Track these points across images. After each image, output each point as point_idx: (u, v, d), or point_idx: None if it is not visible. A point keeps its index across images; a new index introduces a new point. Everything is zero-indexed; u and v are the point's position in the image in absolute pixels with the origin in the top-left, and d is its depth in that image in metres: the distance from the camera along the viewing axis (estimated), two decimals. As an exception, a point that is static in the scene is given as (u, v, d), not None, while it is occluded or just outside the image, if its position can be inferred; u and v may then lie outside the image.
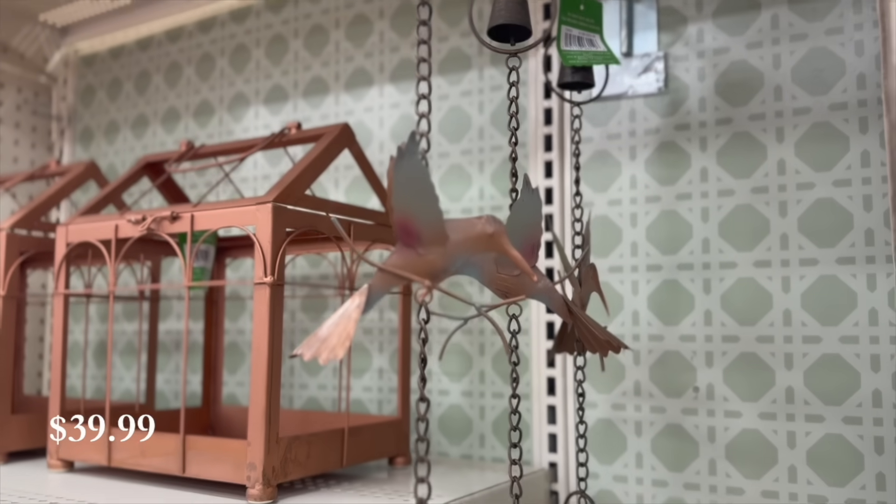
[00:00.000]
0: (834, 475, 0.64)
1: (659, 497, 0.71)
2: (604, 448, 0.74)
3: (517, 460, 0.54)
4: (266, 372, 0.59)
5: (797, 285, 0.67)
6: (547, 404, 0.78)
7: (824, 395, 0.65)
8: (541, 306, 0.79)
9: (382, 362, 0.90)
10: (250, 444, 0.59)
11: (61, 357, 0.72)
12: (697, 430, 0.70)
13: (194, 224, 0.65)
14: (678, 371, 0.71)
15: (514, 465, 0.54)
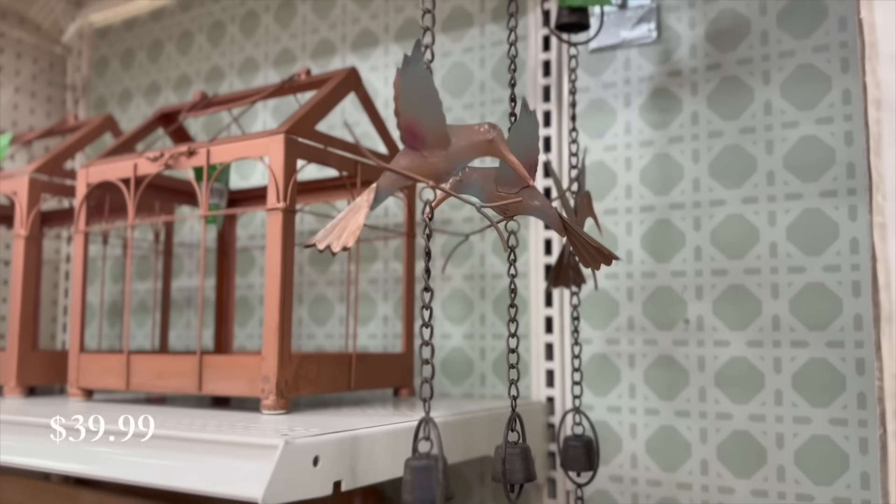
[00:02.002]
0: (818, 397, 0.68)
1: (651, 425, 0.75)
2: (598, 381, 0.78)
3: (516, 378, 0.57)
4: (279, 291, 0.62)
5: (783, 219, 0.70)
6: (545, 342, 0.81)
7: (808, 321, 0.69)
8: (538, 252, 0.82)
9: (387, 310, 0.93)
10: (264, 358, 0.62)
11: (81, 293, 0.76)
12: (688, 359, 0.74)
13: (210, 158, 0.68)
14: (670, 305, 0.75)
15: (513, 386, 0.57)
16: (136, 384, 0.70)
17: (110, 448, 0.54)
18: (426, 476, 0.45)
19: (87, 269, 0.77)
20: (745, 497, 0.70)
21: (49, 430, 0.58)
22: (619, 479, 0.76)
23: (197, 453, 0.50)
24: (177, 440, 0.51)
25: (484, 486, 0.84)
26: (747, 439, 0.70)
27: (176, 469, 0.50)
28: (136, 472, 0.51)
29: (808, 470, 0.67)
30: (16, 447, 0.59)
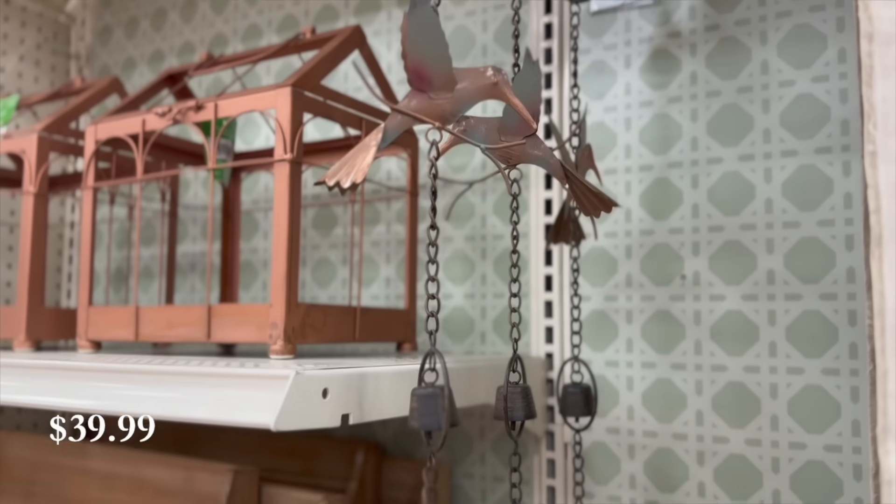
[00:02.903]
0: (811, 348, 0.69)
1: (648, 378, 0.77)
2: (596, 336, 0.79)
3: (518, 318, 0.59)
4: (286, 241, 0.64)
5: (778, 175, 0.72)
6: (544, 300, 0.83)
7: (802, 275, 0.70)
8: (539, 212, 0.84)
9: (389, 272, 0.95)
10: (272, 305, 0.64)
11: (90, 246, 0.77)
12: (684, 314, 0.75)
13: (217, 112, 0.69)
14: (667, 262, 0.77)
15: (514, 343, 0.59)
16: (144, 334, 0.72)
17: (122, 384, 0.56)
18: (432, 403, 0.47)
19: (95, 224, 0.78)
20: (740, 446, 0.72)
21: (61, 370, 0.60)
22: (616, 430, 0.78)
23: (208, 386, 0.52)
24: (188, 375, 0.53)
25: (484, 440, 0.86)
26: (741, 390, 0.72)
27: (188, 401, 0.52)
28: (148, 406, 0.53)
29: (800, 419, 0.69)
30: (28, 387, 0.61)
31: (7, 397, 0.62)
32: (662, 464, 0.75)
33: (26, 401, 0.60)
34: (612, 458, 0.78)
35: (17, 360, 0.64)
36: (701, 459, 0.73)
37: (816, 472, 0.68)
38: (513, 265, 0.57)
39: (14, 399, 0.61)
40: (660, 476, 0.75)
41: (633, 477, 0.76)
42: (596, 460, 0.78)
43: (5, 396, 0.62)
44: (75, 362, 0.60)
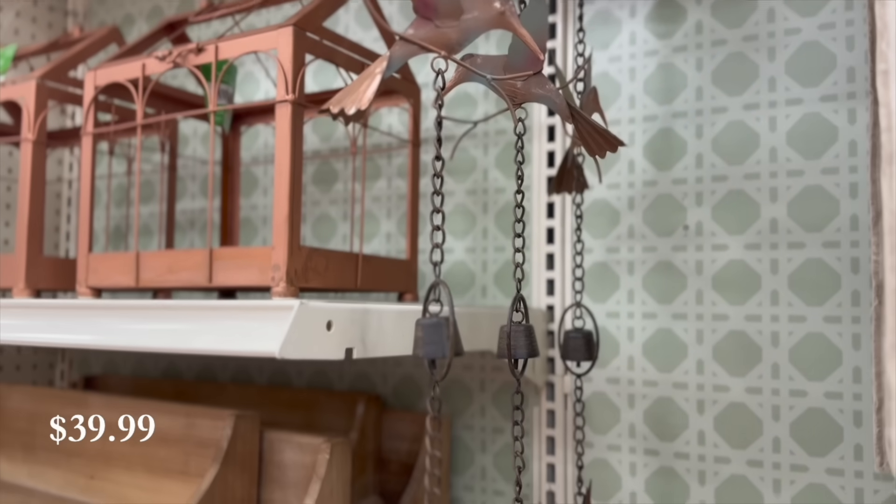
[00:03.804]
0: (813, 296, 0.69)
1: (648, 328, 0.77)
2: (598, 288, 0.79)
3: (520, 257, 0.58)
4: (288, 182, 0.63)
5: (783, 124, 0.72)
6: (546, 252, 0.83)
7: (806, 223, 0.70)
8: (541, 164, 0.83)
9: (390, 227, 0.94)
10: (274, 247, 0.63)
11: (89, 196, 0.77)
12: (686, 264, 0.75)
13: (218, 54, 0.69)
14: (670, 212, 0.76)
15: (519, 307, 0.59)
16: (145, 280, 0.71)
17: (127, 320, 0.55)
18: (437, 332, 0.47)
19: (94, 172, 0.77)
20: (740, 394, 0.72)
21: (63, 309, 0.60)
22: (616, 380, 0.78)
23: (214, 319, 0.51)
24: (194, 308, 0.53)
25: (484, 393, 0.86)
26: (743, 339, 0.72)
27: (193, 333, 0.51)
28: (152, 339, 0.53)
29: (801, 367, 0.69)
30: (30, 325, 0.60)
31: (8, 336, 0.61)
32: (662, 413, 0.75)
33: (28, 339, 0.60)
34: (611, 408, 0.78)
35: (17, 301, 0.64)
36: (701, 408, 0.73)
37: (816, 419, 0.68)
38: (517, 205, 0.56)
39: (15, 337, 0.61)
40: (659, 425, 0.75)
41: (632, 426, 0.77)
42: (595, 410, 0.78)
43: (6, 335, 0.62)
44: (78, 300, 0.59)
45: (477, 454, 0.86)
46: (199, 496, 0.66)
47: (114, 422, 0.80)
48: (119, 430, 0.79)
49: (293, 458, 0.69)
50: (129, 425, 0.78)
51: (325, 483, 0.64)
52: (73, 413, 0.86)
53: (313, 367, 0.99)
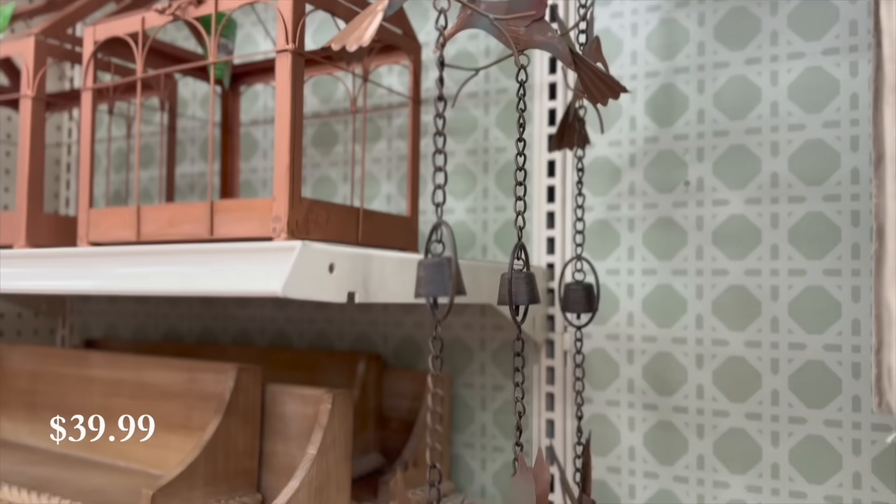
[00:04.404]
0: (813, 249, 0.70)
1: (648, 284, 0.77)
2: (598, 246, 0.80)
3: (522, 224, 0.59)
4: (289, 133, 0.63)
5: (784, 78, 0.71)
6: (546, 211, 0.83)
7: (806, 177, 0.70)
8: (542, 122, 0.83)
9: (391, 189, 0.94)
10: (275, 198, 0.63)
11: (89, 148, 0.77)
12: (687, 220, 0.75)
13: (217, 6, 0.68)
14: (671, 169, 0.76)
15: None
16: (146, 234, 0.71)
17: (129, 265, 0.55)
18: (439, 272, 0.47)
19: (94, 128, 0.77)
20: (739, 348, 0.72)
21: (61, 257, 0.60)
22: (616, 336, 0.78)
23: (215, 261, 0.52)
24: (194, 252, 0.53)
25: (484, 351, 0.87)
26: (742, 293, 0.72)
27: (195, 275, 0.52)
28: (155, 283, 0.53)
29: (800, 320, 0.70)
30: (30, 274, 0.61)
31: (8, 284, 0.61)
32: (661, 368, 0.76)
33: (28, 286, 0.60)
34: (610, 364, 0.78)
35: (17, 252, 0.64)
36: (700, 362, 0.74)
37: (815, 371, 0.69)
38: (519, 153, 0.56)
39: (16, 286, 0.61)
40: (658, 380, 0.76)
41: (631, 381, 0.77)
42: (595, 366, 0.79)
43: (7, 284, 0.62)
44: (78, 248, 0.59)
45: (477, 412, 0.87)
46: (202, 446, 0.66)
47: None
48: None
49: (295, 410, 0.70)
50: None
51: (328, 432, 0.64)
52: (76, 372, 0.87)
53: (314, 328, 0.99)
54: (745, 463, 0.71)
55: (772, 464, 0.70)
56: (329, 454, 0.64)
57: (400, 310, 0.93)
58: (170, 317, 1.12)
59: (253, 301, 1.04)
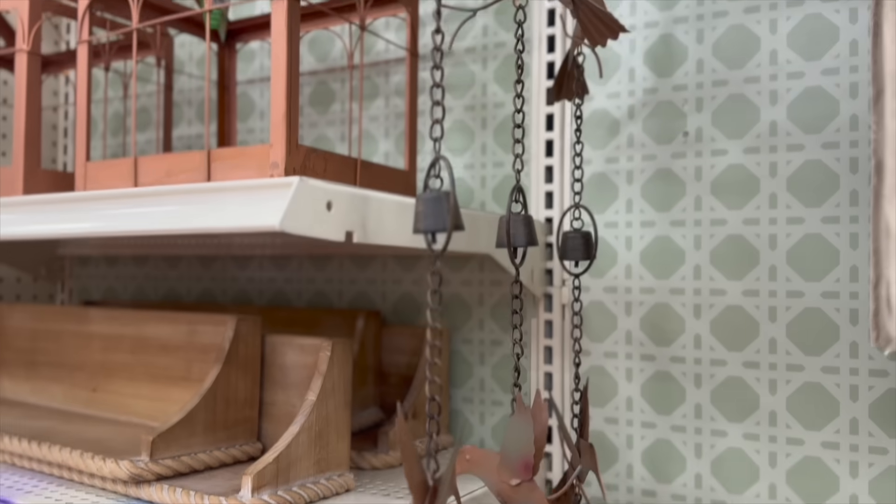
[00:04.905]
0: (811, 197, 0.70)
1: (646, 236, 0.77)
2: (596, 199, 0.79)
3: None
4: (285, 80, 0.63)
5: (783, 26, 0.71)
6: (545, 165, 0.82)
7: (805, 125, 0.70)
8: (541, 76, 0.83)
9: (388, 147, 0.94)
10: (272, 145, 0.63)
11: (86, 101, 0.76)
12: (685, 171, 0.75)
13: (214, -47, 0.68)
14: (670, 119, 0.76)
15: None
16: (144, 184, 0.71)
17: (128, 206, 0.55)
18: (438, 206, 0.47)
19: (90, 80, 0.77)
20: (737, 297, 0.72)
21: (57, 203, 0.60)
22: (613, 289, 0.78)
23: (213, 200, 0.52)
24: (191, 192, 0.53)
25: (483, 306, 0.87)
26: (741, 243, 0.72)
27: (192, 213, 0.52)
28: (152, 222, 0.53)
29: (799, 268, 0.70)
30: (29, 219, 0.60)
31: (6, 230, 0.61)
32: (659, 318, 0.76)
33: (26, 232, 0.60)
34: (608, 316, 0.78)
35: (14, 199, 0.63)
36: (698, 312, 0.74)
37: (813, 318, 0.69)
38: (517, 95, 0.56)
39: (13, 231, 0.61)
40: (656, 330, 0.76)
41: (629, 333, 0.77)
42: (593, 319, 0.79)
43: (4, 230, 0.62)
44: (74, 193, 0.59)
45: (475, 367, 0.87)
46: (202, 394, 0.67)
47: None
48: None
49: (295, 360, 0.70)
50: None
51: (327, 378, 0.65)
52: (75, 329, 0.87)
53: (313, 288, 0.99)
54: (742, 411, 0.72)
55: (769, 411, 0.71)
56: (329, 401, 0.65)
57: (398, 267, 0.93)
58: (169, 278, 1.12)
59: (252, 261, 1.04)
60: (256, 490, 0.58)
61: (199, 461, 0.65)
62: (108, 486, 0.65)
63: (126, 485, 0.63)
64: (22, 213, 0.62)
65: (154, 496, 0.61)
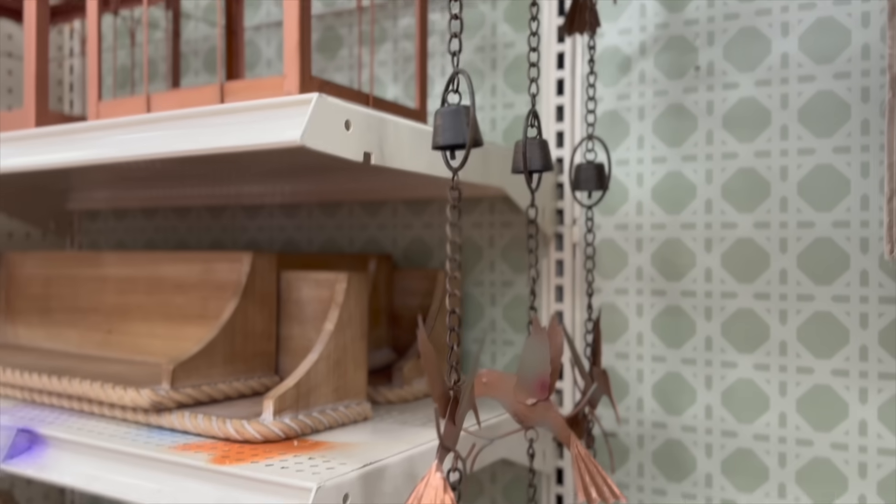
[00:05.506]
0: (823, 127, 0.70)
1: (658, 172, 0.77)
2: (607, 137, 0.80)
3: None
4: (298, 5, 0.63)
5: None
6: (556, 104, 0.83)
7: (817, 55, 0.70)
8: (552, 14, 0.82)
9: (397, 92, 0.94)
10: (286, 76, 0.63)
11: (96, 41, 0.76)
12: (697, 105, 0.75)
13: None
14: (681, 54, 0.76)
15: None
16: (157, 122, 0.71)
17: (145, 131, 0.56)
18: (457, 119, 0.47)
19: (101, 16, 0.77)
20: (748, 230, 0.73)
21: (71, 132, 0.60)
22: (625, 226, 0.79)
23: (230, 122, 0.52)
24: (207, 114, 0.53)
25: (493, 248, 0.87)
26: (752, 175, 0.73)
27: (212, 133, 0.52)
28: (174, 143, 0.53)
29: (809, 198, 0.70)
30: (41, 149, 0.61)
31: (16, 161, 0.62)
32: (670, 254, 0.76)
33: (38, 162, 0.60)
34: (619, 253, 0.79)
35: (24, 132, 0.64)
36: (709, 246, 0.75)
37: (824, 248, 0.70)
38: (533, 17, 0.56)
39: (26, 162, 0.61)
40: (666, 266, 0.77)
41: (640, 269, 0.78)
42: (603, 257, 0.80)
43: (17, 161, 0.62)
44: (86, 123, 0.59)
45: (487, 308, 0.88)
46: (221, 326, 0.67)
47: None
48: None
49: (310, 294, 0.70)
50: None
51: (344, 309, 0.65)
52: (89, 273, 0.87)
53: (323, 235, 1.00)
54: (752, 342, 0.73)
55: (780, 341, 0.72)
56: (346, 331, 0.66)
57: (409, 212, 0.93)
58: (179, 230, 1.12)
59: (261, 210, 1.05)
60: (278, 413, 0.59)
61: (218, 391, 0.66)
62: (128, 415, 0.66)
63: (147, 413, 0.64)
64: (36, 145, 0.62)
65: (175, 423, 0.62)
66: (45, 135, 0.65)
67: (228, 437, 0.59)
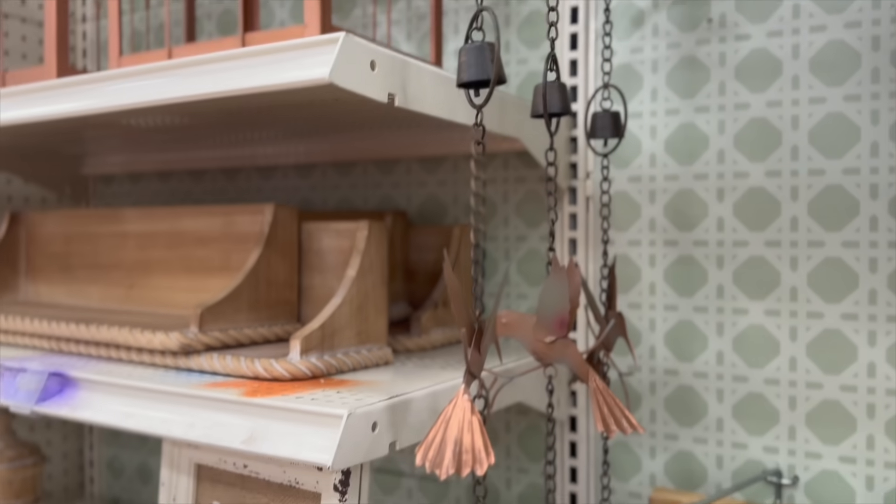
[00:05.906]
0: (833, 76, 0.71)
1: (671, 125, 0.78)
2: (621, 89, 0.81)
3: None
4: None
5: None
6: (569, 59, 0.84)
7: (827, 6, 0.71)
8: (563, -27, 0.83)
9: (411, 49, 0.95)
10: (307, 25, 0.64)
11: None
12: (709, 57, 0.76)
13: None
14: (694, 7, 0.77)
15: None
16: (179, 75, 0.73)
17: (162, 75, 0.57)
18: (481, 55, 0.48)
19: (120, -24, 0.77)
20: (759, 179, 0.74)
21: (94, 81, 0.61)
22: (638, 179, 0.80)
23: (255, 65, 0.53)
24: (231, 58, 0.54)
25: (507, 203, 0.89)
26: (763, 125, 0.74)
27: (239, 75, 0.53)
28: (193, 86, 0.55)
29: (820, 146, 0.72)
30: (65, 97, 0.62)
31: (45, 110, 0.63)
32: (682, 204, 0.78)
33: (62, 111, 0.62)
34: (632, 205, 0.80)
35: (49, 82, 0.65)
36: (721, 196, 0.76)
37: (834, 195, 0.71)
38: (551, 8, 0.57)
39: (52, 111, 0.63)
40: (679, 216, 0.78)
41: (653, 220, 0.79)
42: (617, 209, 0.81)
43: (41, 110, 0.63)
44: (110, 71, 0.61)
45: (501, 262, 0.89)
46: (245, 273, 0.69)
47: (149, 232, 0.83)
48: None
49: (331, 244, 0.72)
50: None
51: (365, 256, 0.67)
52: (109, 230, 0.89)
53: (338, 194, 1.01)
54: (763, 289, 0.74)
55: (790, 287, 0.73)
56: (367, 277, 0.67)
57: (422, 170, 0.95)
58: (194, 192, 1.14)
59: (276, 171, 1.06)
60: (304, 353, 0.61)
61: (244, 335, 0.68)
62: (157, 359, 0.67)
63: (176, 356, 0.66)
64: (60, 95, 0.64)
65: (204, 364, 0.64)
66: (68, 84, 0.66)
67: (257, 376, 0.61)
